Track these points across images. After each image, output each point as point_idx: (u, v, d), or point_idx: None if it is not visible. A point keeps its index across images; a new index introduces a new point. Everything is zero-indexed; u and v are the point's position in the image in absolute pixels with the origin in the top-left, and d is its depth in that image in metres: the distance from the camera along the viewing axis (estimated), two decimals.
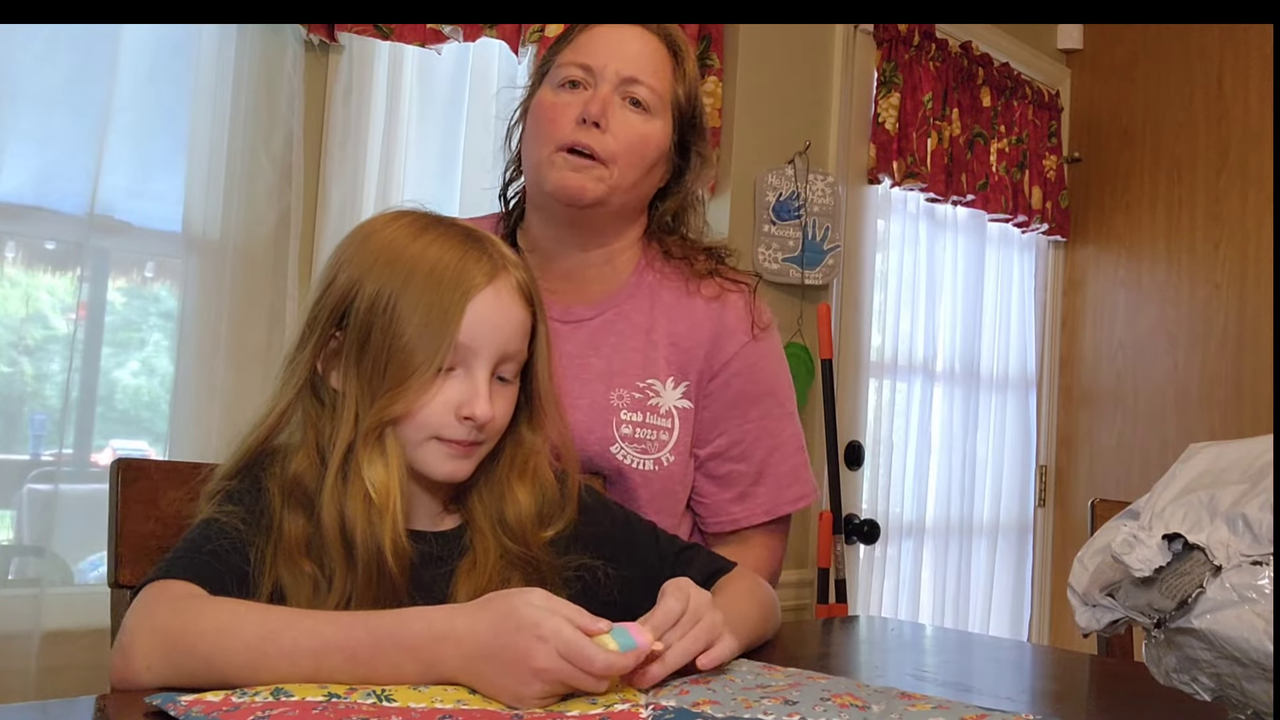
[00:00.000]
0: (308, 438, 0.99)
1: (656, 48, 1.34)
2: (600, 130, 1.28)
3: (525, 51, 2.19)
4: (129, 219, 1.85)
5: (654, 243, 1.40)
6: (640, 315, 1.36)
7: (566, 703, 0.80)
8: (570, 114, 1.28)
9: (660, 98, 1.32)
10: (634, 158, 1.30)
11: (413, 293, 0.96)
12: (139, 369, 1.98)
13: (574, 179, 1.28)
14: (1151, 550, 0.72)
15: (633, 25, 1.34)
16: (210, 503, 0.98)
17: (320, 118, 2.03)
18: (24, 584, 1.74)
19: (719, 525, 1.36)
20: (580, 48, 1.33)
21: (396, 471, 0.96)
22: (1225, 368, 3.32)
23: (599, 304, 1.36)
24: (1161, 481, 0.78)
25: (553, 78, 1.34)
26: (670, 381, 1.33)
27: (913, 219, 3.18)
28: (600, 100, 1.28)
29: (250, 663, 0.81)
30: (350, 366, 0.98)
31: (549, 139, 1.29)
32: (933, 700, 0.85)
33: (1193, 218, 3.43)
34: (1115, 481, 3.50)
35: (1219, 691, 0.73)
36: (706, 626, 0.89)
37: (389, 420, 0.96)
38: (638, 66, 1.31)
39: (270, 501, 0.97)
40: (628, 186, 1.31)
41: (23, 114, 1.72)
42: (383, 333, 0.96)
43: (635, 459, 1.30)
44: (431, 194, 2.18)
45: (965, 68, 3.22)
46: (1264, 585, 0.68)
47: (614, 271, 1.38)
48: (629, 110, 1.30)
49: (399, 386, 0.95)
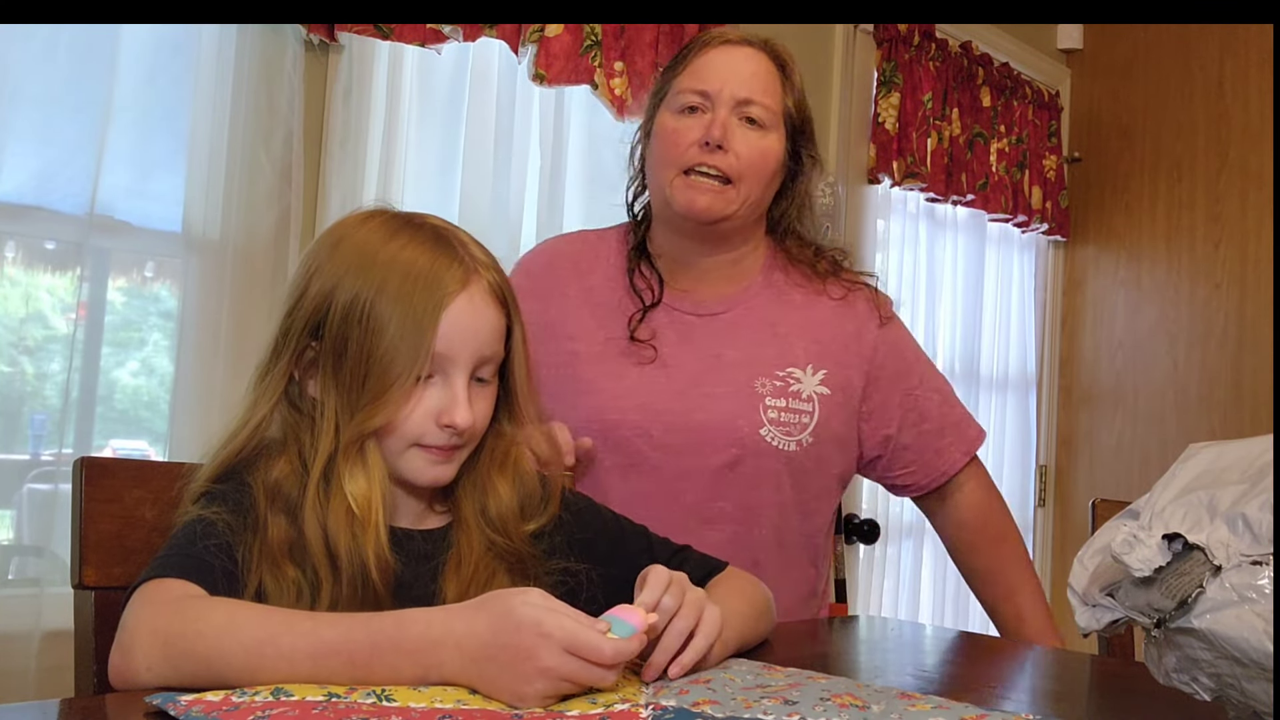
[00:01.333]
0: (289, 444, 0.99)
1: (766, 66, 1.43)
2: (724, 151, 1.37)
3: (525, 51, 2.19)
4: (129, 219, 1.85)
5: (776, 244, 1.51)
6: (770, 311, 1.47)
7: (567, 703, 0.80)
8: (692, 137, 1.38)
9: (773, 113, 1.41)
10: (756, 173, 1.40)
11: (387, 301, 0.96)
12: (139, 369, 1.98)
13: (702, 200, 1.38)
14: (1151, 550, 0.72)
15: (741, 46, 1.43)
16: (196, 504, 0.97)
17: (320, 118, 2.03)
18: (24, 584, 1.74)
19: (930, 482, 1.53)
20: (696, 73, 1.42)
21: (378, 484, 0.97)
22: (1225, 368, 3.32)
23: (729, 300, 1.47)
24: (1161, 481, 0.78)
25: (671, 103, 1.43)
26: (810, 368, 1.44)
27: (913, 219, 3.18)
28: (720, 123, 1.37)
29: (249, 665, 0.81)
30: (328, 377, 0.98)
31: (674, 162, 1.39)
32: (933, 700, 0.85)
33: (1193, 218, 3.43)
34: (1115, 481, 3.50)
35: (1219, 691, 0.73)
36: (693, 601, 0.90)
37: (369, 432, 0.96)
38: (751, 88, 1.40)
39: (255, 501, 0.96)
40: (754, 202, 1.42)
41: (23, 114, 1.71)
42: (359, 344, 0.95)
43: (781, 440, 1.41)
44: (431, 194, 2.18)
45: (965, 68, 3.22)
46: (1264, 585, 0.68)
47: (741, 271, 1.48)
48: (746, 129, 1.39)
49: (378, 398, 0.95)
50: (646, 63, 2.37)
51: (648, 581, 0.90)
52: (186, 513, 0.97)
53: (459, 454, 1.02)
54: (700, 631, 0.89)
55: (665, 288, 1.46)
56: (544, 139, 2.34)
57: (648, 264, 1.48)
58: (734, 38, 1.45)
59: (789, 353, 1.44)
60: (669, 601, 0.88)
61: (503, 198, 2.24)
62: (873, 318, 1.50)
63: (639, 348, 1.42)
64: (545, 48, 2.20)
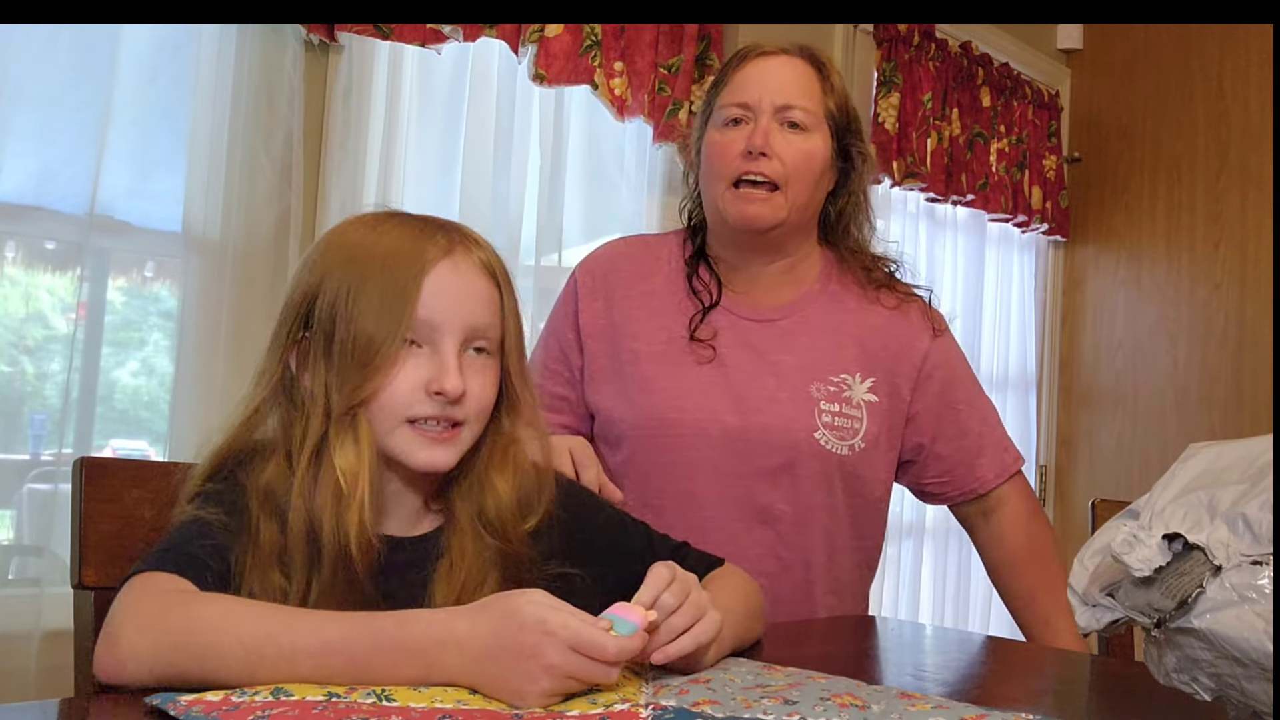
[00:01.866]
0: (280, 445, 0.98)
1: (803, 71, 1.46)
2: (767, 158, 1.40)
3: (525, 51, 2.19)
4: (129, 219, 1.85)
5: (831, 250, 1.54)
6: (826, 318, 1.49)
7: (567, 703, 0.80)
8: (736, 148, 1.42)
9: (814, 115, 1.44)
10: (802, 174, 1.42)
11: (371, 280, 0.95)
12: (139, 369, 1.98)
13: (753, 210, 1.41)
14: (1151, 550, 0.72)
15: (777, 55, 1.46)
16: (191, 504, 0.96)
17: (320, 118, 2.03)
18: (24, 584, 1.75)
19: (960, 495, 1.55)
20: (735, 88, 1.46)
21: (367, 455, 0.95)
22: (1225, 367, 3.32)
23: (786, 307, 1.49)
24: (1161, 481, 0.77)
25: (716, 119, 1.47)
26: (859, 375, 1.47)
27: (913, 219, 3.18)
28: (762, 131, 1.41)
29: (246, 661, 0.79)
30: (319, 362, 0.97)
31: (722, 174, 1.43)
32: (933, 700, 0.85)
33: (1193, 218, 3.43)
34: (1115, 481, 3.50)
35: (1219, 691, 0.73)
36: (694, 602, 0.90)
37: (359, 403, 0.95)
38: (788, 93, 1.43)
39: (248, 504, 0.95)
40: (802, 204, 1.44)
41: (23, 114, 1.72)
42: (346, 323, 0.95)
43: (834, 444, 1.44)
44: (431, 194, 2.18)
45: (965, 68, 3.22)
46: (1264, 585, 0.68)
47: (797, 278, 1.51)
48: (788, 133, 1.42)
49: (366, 367, 0.94)
50: (646, 63, 2.37)
51: (647, 578, 0.90)
52: (183, 512, 0.96)
53: (458, 437, 0.99)
54: (692, 630, 0.89)
55: (724, 290, 1.49)
56: (544, 139, 2.34)
57: (706, 267, 1.51)
58: (769, 49, 1.48)
59: (842, 359, 1.47)
60: (668, 599, 0.87)
61: (503, 198, 2.24)
62: (926, 329, 1.52)
63: (699, 347, 1.45)
64: (545, 48, 2.20)
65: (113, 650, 0.82)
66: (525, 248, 2.31)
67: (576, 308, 1.51)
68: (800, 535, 1.43)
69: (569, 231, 2.39)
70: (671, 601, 0.88)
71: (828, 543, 1.46)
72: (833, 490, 1.44)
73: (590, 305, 1.51)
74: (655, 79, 2.39)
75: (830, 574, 1.46)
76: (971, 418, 1.54)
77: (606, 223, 2.52)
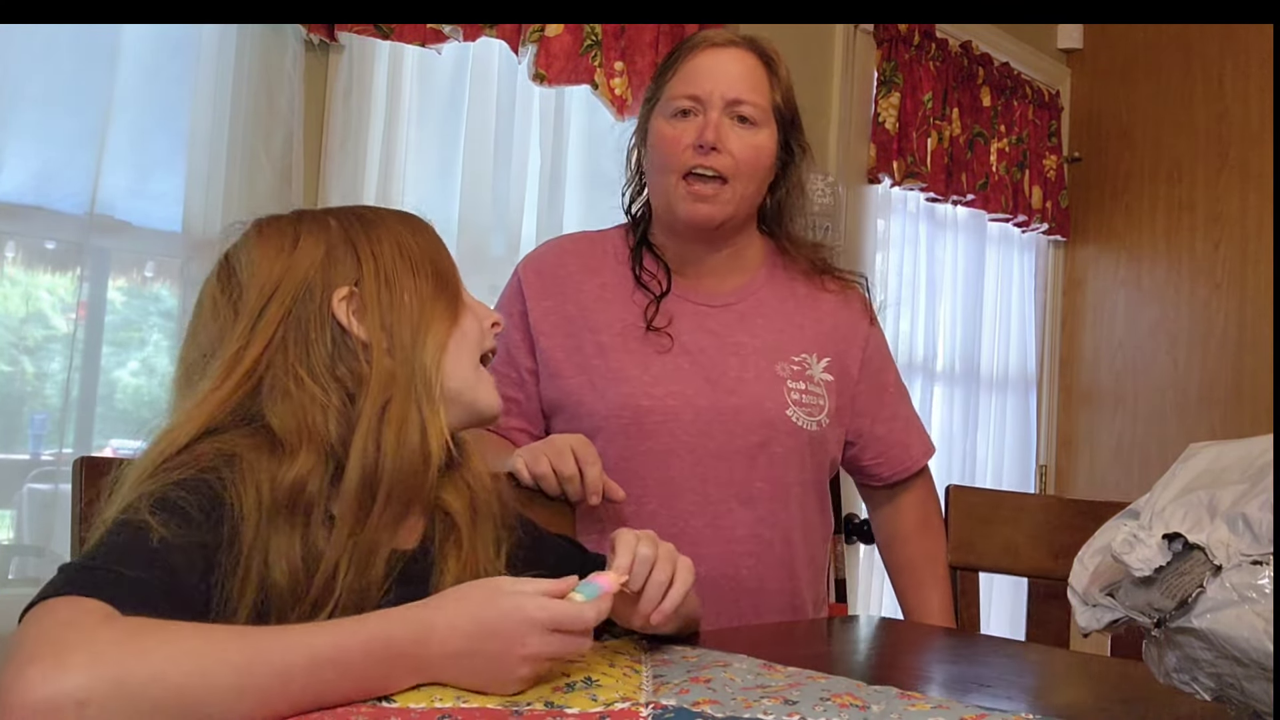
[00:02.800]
0: (315, 430, 0.88)
1: (753, 65, 1.48)
2: (718, 152, 1.42)
3: (525, 51, 2.19)
4: (129, 219, 1.85)
5: (770, 239, 1.58)
6: (779, 301, 1.54)
7: (568, 696, 0.80)
8: (686, 141, 1.43)
9: (763, 109, 1.46)
10: (751, 168, 1.45)
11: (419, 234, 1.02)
12: (139, 369, 1.98)
13: (703, 209, 1.44)
14: (1151, 550, 0.72)
15: (727, 48, 1.47)
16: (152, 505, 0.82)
17: (320, 118, 2.03)
18: (24, 584, 1.74)
19: (894, 475, 1.60)
20: (685, 78, 1.46)
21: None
22: (1225, 368, 3.32)
23: (739, 291, 1.53)
24: (1161, 481, 0.78)
25: (664, 109, 1.48)
26: (815, 355, 1.52)
27: (913, 219, 3.18)
28: (713, 125, 1.42)
29: (237, 685, 0.71)
30: (379, 307, 0.96)
31: (672, 166, 1.44)
32: (932, 700, 0.85)
33: (1193, 218, 3.43)
34: (1115, 481, 3.50)
35: (1219, 691, 0.73)
36: (666, 553, 0.95)
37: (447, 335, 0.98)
38: (739, 88, 1.45)
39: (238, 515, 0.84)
40: (749, 197, 1.47)
41: (23, 114, 1.71)
42: (412, 261, 1.00)
43: (804, 420, 1.48)
44: (431, 194, 2.18)
45: (965, 67, 3.22)
46: (1264, 585, 0.68)
47: (744, 264, 1.54)
48: (739, 127, 1.44)
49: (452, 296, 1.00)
50: (646, 63, 2.37)
51: (618, 544, 0.92)
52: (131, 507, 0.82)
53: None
54: (678, 579, 0.94)
55: (673, 278, 1.51)
56: (544, 139, 2.34)
57: (652, 257, 1.52)
58: (720, 40, 1.49)
59: (800, 339, 1.51)
60: (645, 550, 0.91)
61: (503, 198, 2.24)
62: (865, 314, 1.59)
63: (657, 336, 1.47)
64: (545, 48, 2.20)
65: (52, 684, 0.66)
66: (525, 248, 2.31)
67: (524, 307, 1.51)
68: (779, 512, 1.46)
69: (569, 231, 2.38)
70: (648, 551, 0.92)
71: (804, 519, 1.50)
72: (804, 466, 1.48)
73: (540, 303, 1.51)
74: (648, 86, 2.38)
75: (807, 550, 1.51)
76: (900, 401, 1.62)
77: (606, 223, 2.51)
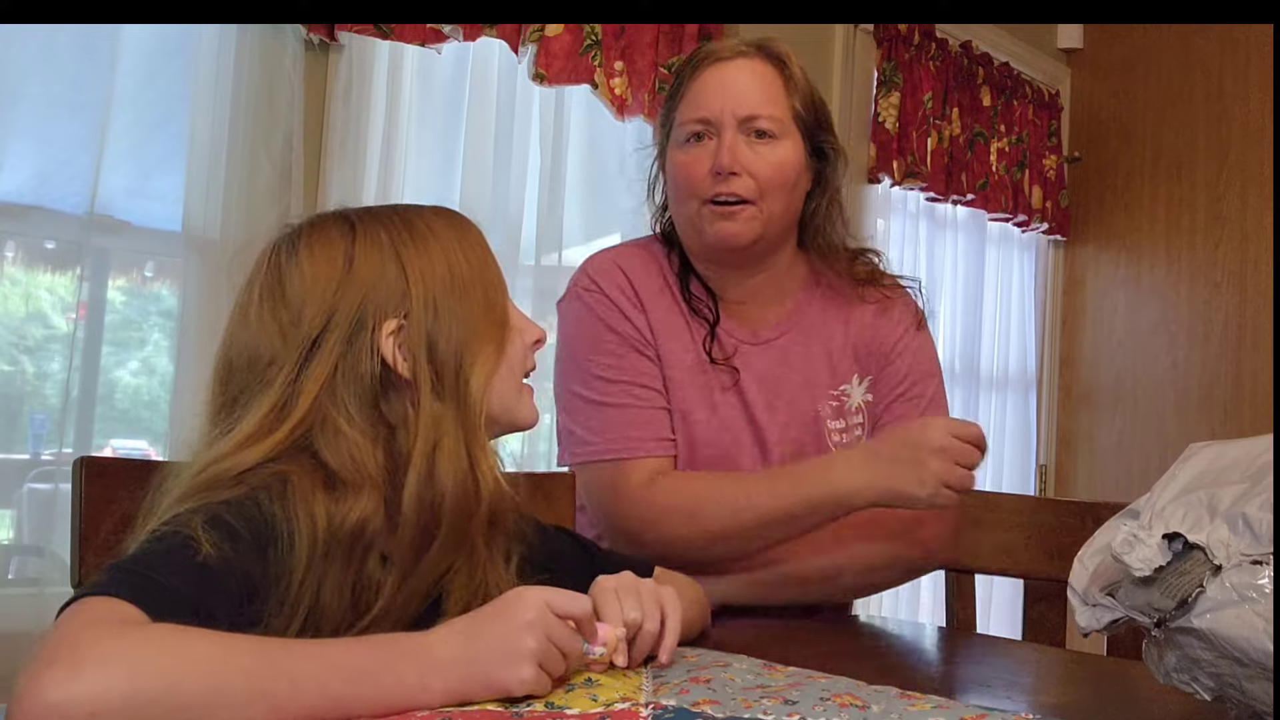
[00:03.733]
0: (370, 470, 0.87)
1: (763, 72, 1.37)
2: (738, 175, 1.32)
3: (525, 51, 2.19)
4: (129, 218, 1.85)
5: (809, 253, 1.45)
6: (820, 327, 1.43)
7: (568, 696, 0.80)
8: (703, 168, 1.34)
9: (781, 120, 1.35)
10: (776, 186, 1.34)
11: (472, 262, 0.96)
12: (139, 368, 1.98)
13: (729, 227, 1.34)
14: (1151, 550, 0.72)
15: (734, 60, 1.37)
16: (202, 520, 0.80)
17: (320, 118, 2.03)
18: (24, 584, 1.74)
19: None
20: (693, 101, 1.36)
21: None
22: (1225, 367, 3.32)
23: (779, 324, 1.43)
24: (1161, 481, 0.78)
25: (677, 136, 1.38)
26: (856, 376, 1.43)
27: (913, 218, 3.18)
28: (728, 148, 1.32)
29: (248, 688, 0.70)
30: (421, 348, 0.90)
31: (691, 195, 1.35)
32: (932, 700, 0.85)
33: (1193, 217, 3.43)
34: (1115, 481, 3.50)
35: (1219, 691, 0.73)
36: (649, 597, 0.91)
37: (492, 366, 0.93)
38: (751, 101, 1.34)
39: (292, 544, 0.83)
40: (780, 215, 1.36)
41: (23, 114, 1.72)
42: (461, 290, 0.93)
43: None
44: (431, 194, 2.18)
45: (965, 67, 3.22)
46: (1264, 585, 0.68)
47: (783, 291, 1.44)
48: (756, 144, 1.34)
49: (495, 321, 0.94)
50: (646, 62, 2.37)
51: (599, 600, 0.90)
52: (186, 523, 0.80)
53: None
54: (668, 622, 0.91)
55: (719, 305, 1.41)
56: (544, 139, 2.34)
57: (698, 280, 1.43)
58: (724, 53, 1.38)
59: (840, 369, 1.43)
60: (632, 614, 0.89)
61: (503, 197, 2.24)
62: (904, 323, 1.46)
63: (720, 372, 1.39)
64: (545, 47, 2.20)
65: (58, 694, 0.65)
66: (525, 247, 2.31)
67: (631, 325, 1.38)
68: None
69: (569, 231, 2.39)
70: (636, 616, 0.89)
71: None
72: None
73: (637, 317, 1.39)
74: (655, 78, 2.39)
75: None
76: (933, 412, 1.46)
77: (606, 223, 2.52)
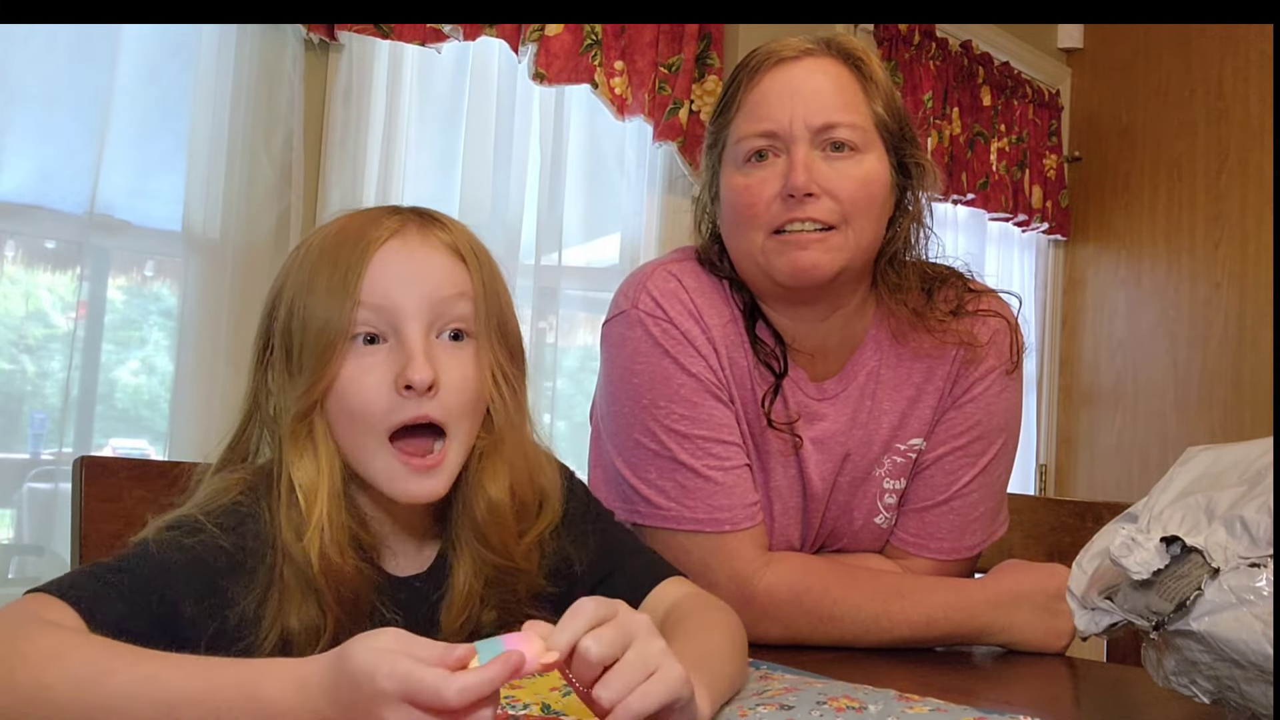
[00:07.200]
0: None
1: (839, 73, 1.14)
2: (815, 198, 1.08)
3: (525, 51, 2.19)
4: (129, 218, 1.85)
5: (881, 287, 1.19)
6: (888, 371, 1.20)
7: (564, 702, 0.80)
8: (770, 191, 1.10)
9: (863, 129, 1.12)
10: (863, 209, 1.10)
11: (319, 273, 0.85)
12: (139, 368, 1.98)
13: (806, 258, 1.09)
14: (1150, 553, 0.72)
15: (801, 60, 1.14)
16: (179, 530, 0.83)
17: (320, 117, 2.03)
18: (24, 583, 1.74)
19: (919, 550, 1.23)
20: (753, 112, 1.13)
21: (327, 470, 0.83)
22: (1225, 367, 3.32)
23: (845, 374, 1.20)
24: (1159, 484, 0.78)
25: (733, 155, 1.14)
26: (923, 437, 1.21)
27: None
28: (801, 165, 1.08)
29: (78, 698, 0.66)
30: (280, 374, 0.86)
31: (757, 226, 1.11)
32: (931, 702, 0.85)
33: (1193, 218, 3.43)
34: (1115, 481, 3.50)
35: (1218, 694, 0.73)
36: (642, 653, 0.67)
37: (312, 407, 0.83)
38: (827, 108, 1.11)
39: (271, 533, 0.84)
40: (868, 243, 1.13)
41: (23, 114, 1.72)
42: (301, 326, 0.84)
43: (886, 519, 1.22)
44: (431, 193, 2.18)
45: (965, 67, 3.22)
46: (1262, 587, 0.68)
47: (854, 335, 1.20)
48: (835, 159, 1.10)
49: (318, 361, 0.83)
50: (647, 62, 2.37)
51: (567, 614, 0.67)
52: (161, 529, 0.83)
53: (444, 463, 0.85)
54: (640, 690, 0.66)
55: (788, 354, 1.18)
56: (544, 139, 2.34)
57: (765, 324, 1.18)
58: (789, 52, 1.15)
59: (911, 425, 1.20)
60: (594, 648, 0.65)
61: (503, 197, 2.24)
62: (996, 366, 1.20)
63: (778, 437, 1.17)
64: (545, 47, 2.20)
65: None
66: (525, 247, 2.31)
67: (706, 365, 1.14)
68: None
69: (569, 231, 2.39)
70: (597, 650, 0.65)
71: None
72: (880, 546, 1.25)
73: (711, 356, 1.15)
74: (655, 78, 2.39)
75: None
76: (983, 488, 1.21)
77: (606, 223, 2.52)
